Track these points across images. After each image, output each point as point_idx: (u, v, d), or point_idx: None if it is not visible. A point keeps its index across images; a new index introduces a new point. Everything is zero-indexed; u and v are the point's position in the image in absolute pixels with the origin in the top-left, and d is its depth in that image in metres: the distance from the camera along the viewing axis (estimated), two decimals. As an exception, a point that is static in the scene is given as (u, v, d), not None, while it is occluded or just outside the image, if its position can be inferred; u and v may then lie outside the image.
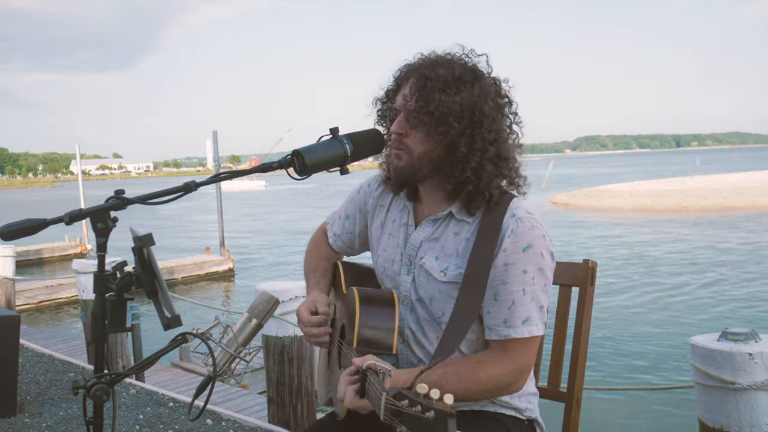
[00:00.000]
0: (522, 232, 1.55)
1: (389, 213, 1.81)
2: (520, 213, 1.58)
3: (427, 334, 1.66)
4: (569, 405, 1.89)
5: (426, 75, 1.57)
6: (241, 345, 1.57)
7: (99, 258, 1.34)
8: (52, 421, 3.87)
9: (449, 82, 1.56)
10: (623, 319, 11.88)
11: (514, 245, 1.55)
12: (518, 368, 1.57)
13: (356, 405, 1.38)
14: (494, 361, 1.56)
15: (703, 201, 31.34)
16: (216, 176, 1.44)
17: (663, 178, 50.20)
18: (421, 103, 1.56)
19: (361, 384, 1.33)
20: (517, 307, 1.55)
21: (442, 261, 1.63)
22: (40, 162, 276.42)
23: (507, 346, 1.57)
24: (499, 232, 1.56)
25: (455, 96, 1.55)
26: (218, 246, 19.48)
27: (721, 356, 2.21)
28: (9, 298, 9.27)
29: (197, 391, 1.51)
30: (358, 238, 1.94)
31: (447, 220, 1.66)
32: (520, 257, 1.55)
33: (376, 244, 1.84)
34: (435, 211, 1.68)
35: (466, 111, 1.56)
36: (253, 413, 5.49)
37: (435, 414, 1.01)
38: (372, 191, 1.87)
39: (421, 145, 1.59)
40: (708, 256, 18.20)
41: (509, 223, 1.57)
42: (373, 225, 1.86)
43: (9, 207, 59.98)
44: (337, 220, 1.98)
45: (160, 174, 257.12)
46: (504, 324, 1.56)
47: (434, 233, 1.67)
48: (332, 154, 1.49)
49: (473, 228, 1.62)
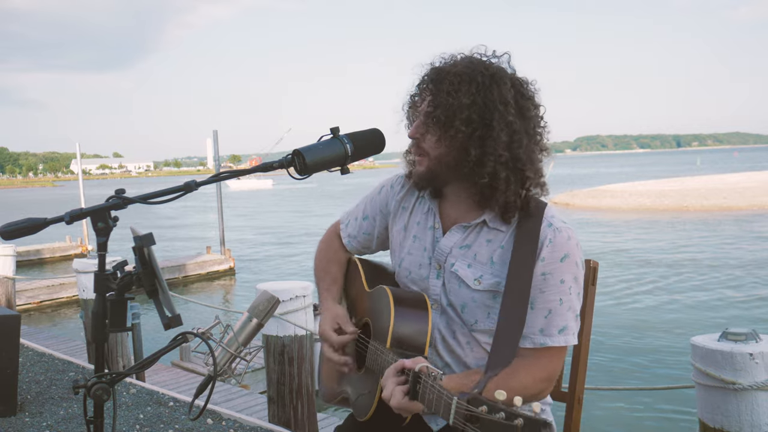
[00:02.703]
0: (560, 242, 1.55)
1: (412, 215, 1.79)
2: (556, 222, 1.58)
3: (458, 338, 1.64)
4: (570, 405, 1.89)
5: (438, 78, 1.57)
6: (241, 344, 1.57)
7: (99, 257, 1.34)
8: (52, 421, 3.87)
9: (459, 84, 1.54)
10: (624, 319, 11.88)
11: (552, 255, 1.54)
12: (549, 376, 1.56)
13: (404, 406, 1.36)
14: (526, 370, 1.54)
15: (703, 201, 31.33)
16: (216, 176, 1.44)
17: (663, 178, 50.18)
18: (431, 106, 1.57)
19: (412, 386, 1.31)
20: (554, 317, 1.55)
21: (476, 269, 1.61)
22: (41, 161, 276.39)
23: (540, 355, 1.56)
24: (537, 241, 1.55)
25: (464, 99, 1.53)
26: (219, 245, 19.49)
27: (722, 356, 2.21)
28: (9, 298, 9.28)
29: (198, 390, 1.51)
30: (377, 239, 1.91)
31: (479, 228, 1.64)
32: (558, 267, 1.54)
33: (398, 248, 1.80)
34: (466, 217, 1.66)
35: (475, 114, 1.53)
36: (254, 413, 5.50)
37: (525, 421, 0.98)
38: (395, 193, 1.84)
39: (435, 149, 1.59)
40: (708, 256, 18.20)
41: (547, 233, 1.55)
42: (395, 227, 1.83)
43: (9, 206, 60.01)
44: (353, 221, 1.95)
45: (161, 173, 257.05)
46: (540, 333, 1.55)
47: (465, 240, 1.64)
48: (333, 153, 1.49)
49: (507, 236, 1.60)
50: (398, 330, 1.55)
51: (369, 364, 1.66)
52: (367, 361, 1.68)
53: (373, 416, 1.55)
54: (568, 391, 1.91)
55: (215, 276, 18.87)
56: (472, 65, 1.58)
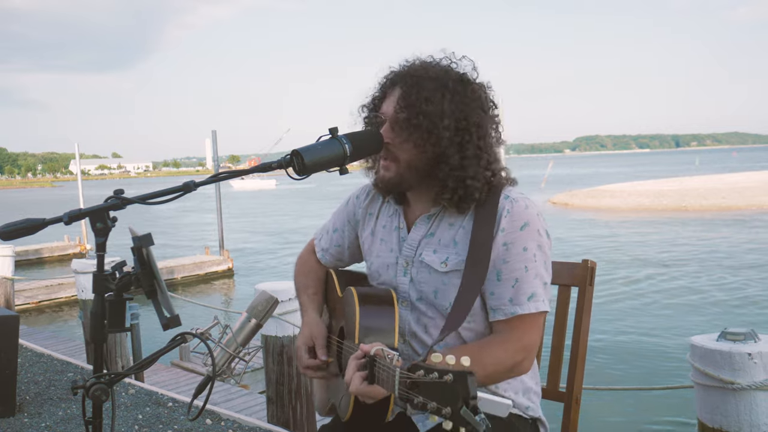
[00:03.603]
0: (518, 211, 1.58)
1: (379, 220, 1.83)
2: (513, 194, 1.61)
3: (430, 332, 1.66)
4: (568, 405, 1.89)
5: (412, 83, 1.59)
6: (240, 345, 1.57)
7: (98, 258, 1.34)
8: (51, 421, 3.87)
9: (436, 90, 1.57)
10: (622, 319, 11.89)
11: (511, 224, 1.57)
12: (523, 347, 1.57)
13: (363, 391, 1.35)
14: (498, 343, 1.56)
15: (702, 201, 31.35)
16: (215, 176, 1.44)
17: (662, 178, 50.22)
18: (407, 113, 1.57)
19: (369, 370, 1.32)
20: (522, 284, 1.56)
21: (441, 253, 1.64)
22: (40, 162, 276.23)
23: (513, 325, 1.57)
24: (495, 213, 1.58)
25: (442, 105, 1.56)
26: (217, 246, 19.48)
27: (721, 356, 2.21)
28: (8, 298, 9.27)
29: (196, 391, 1.51)
30: (347, 250, 1.94)
31: (441, 215, 1.68)
32: (519, 235, 1.57)
33: (368, 253, 1.84)
34: (428, 208, 1.70)
35: (452, 120, 1.57)
36: (254, 413, 5.50)
37: (453, 376, 1.02)
38: (361, 202, 1.89)
39: (408, 154, 1.61)
40: (707, 255, 18.21)
41: (504, 204, 1.59)
42: (364, 234, 1.87)
43: (8, 207, 59.95)
44: (325, 235, 1.99)
45: (160, 174, 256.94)
46: (510, 302, 1.57)
47: (430, 229, 1.68)
48: (331, 154, 1.49)
49: (468, 215, 1.63)
50: (365, 325, 1.56)
51: (344, 364, 1.66)
52: (343, 364, 1.69)
53: (353, 415, 1.55)
54: (566, 391, 1.91)
55: (214, 277, 18.85)
56: (445, 70, 1.62)
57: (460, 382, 1.01)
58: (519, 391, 1.69)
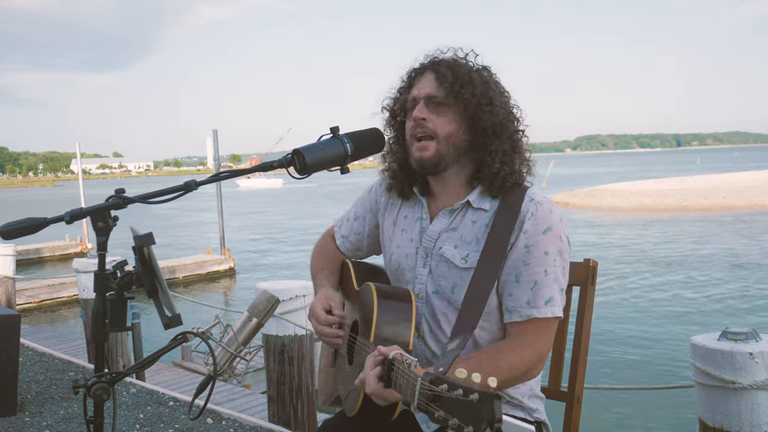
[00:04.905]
0: (542, 215, 1.58)
1: (401, 210, 1.82)
2: (538, 197, 1.62)
3: (443, 326, 1.65)
4: (570, 404, 1.89)
5: (445, 66, 1.63)
6: (241, 344, 1.57)
7: (99, 257, 1.34)
8: (52, 420, 3.87)
9: (469, 72, 1.63)
10: (624, 318, 11.89)
11: (534, 227, 1.57)
12: (536, 352, 1.57)
13: (379, 393, 1.34)
14: (512, 348, 1.55)
15: (703, 200, 31.34)
16: (216, 175, 1.44)
17: (663, 177, 50.17)
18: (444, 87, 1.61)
19: (386, 373, 1.31)
20: (540, 288, 1.56)
21: (462, 249, 1.63)
22: (41, 161, 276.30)
23: (527, 329, 1.57)
24: (518, 215, 1.58)
25: (475, 84, 1.61)
26: (219, 245, 19.49)
27: (722, 356, 2.21)
28: (9, 297, 9.28)
29: (197, 390, 1.51)
30: (368, 238, 1.94)
31: (464, 210, 1.67)
32: (541, 239, 1.57)
33: (388, 242, 1.84)
34: (451, 201, 1.70)
35: (485, 99, 1.61)
36: (256, 413, 5.51)
37: (479, 396, 1.00)
38: (384, 190, 1.87)
39: (446, 128, 1.62)
40: (708, 255, 18.20)
41: (528, 207, 1.59)
42: (385, 223, 1.86)
43: (9, 206, 60.00)
44: (345, 222, 1.98)
45: (161, 173, 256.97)
46: (527, 305, 1.57)
47: (452, 223, 1.68)
48: (332, 153, 1.49)
49: (491, 215, 1.63)
50: (381, 324, 1.56)
51: (356, 359, 1.66)
52: (354, 357, 1.69)
53: (361, 411, 1.55)
54: (567, 391, 1.91)
55: (215, 276, 18.88)
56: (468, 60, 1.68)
57: (487, 404, 1.00)
58: (526, 395, 1.69)
